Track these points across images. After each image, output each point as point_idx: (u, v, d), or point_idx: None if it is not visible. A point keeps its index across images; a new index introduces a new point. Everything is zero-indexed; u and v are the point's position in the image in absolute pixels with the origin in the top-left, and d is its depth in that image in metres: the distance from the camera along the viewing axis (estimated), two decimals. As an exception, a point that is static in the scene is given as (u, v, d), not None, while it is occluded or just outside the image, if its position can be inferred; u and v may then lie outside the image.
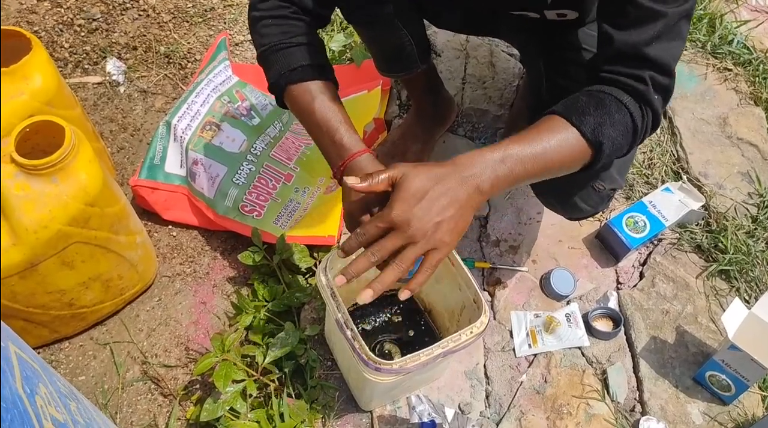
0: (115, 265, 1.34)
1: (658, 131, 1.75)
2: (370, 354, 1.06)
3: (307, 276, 1.47)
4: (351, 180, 0.91)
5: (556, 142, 0.93)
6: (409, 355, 1.07)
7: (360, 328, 1.37)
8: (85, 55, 1.87)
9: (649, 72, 0.95)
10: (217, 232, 1.57)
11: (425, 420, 1.19)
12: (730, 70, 1.87)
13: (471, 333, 1.11)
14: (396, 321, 1.38)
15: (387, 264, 0.89)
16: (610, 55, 0.97)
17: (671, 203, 1.53)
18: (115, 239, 1.30)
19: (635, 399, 1.35)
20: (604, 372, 1.37)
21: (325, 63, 1.10)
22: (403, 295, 0.91)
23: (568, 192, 1.25)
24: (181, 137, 1.54)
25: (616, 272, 1.53)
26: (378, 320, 1.38)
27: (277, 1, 1.07)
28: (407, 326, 1.38)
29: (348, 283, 0.93)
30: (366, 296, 0.89)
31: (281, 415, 1.27)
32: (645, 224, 1.49)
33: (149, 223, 1.58)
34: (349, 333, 1.08)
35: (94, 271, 1.30)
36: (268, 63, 1.08)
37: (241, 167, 1.51)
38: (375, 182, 0.90)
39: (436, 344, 1.09)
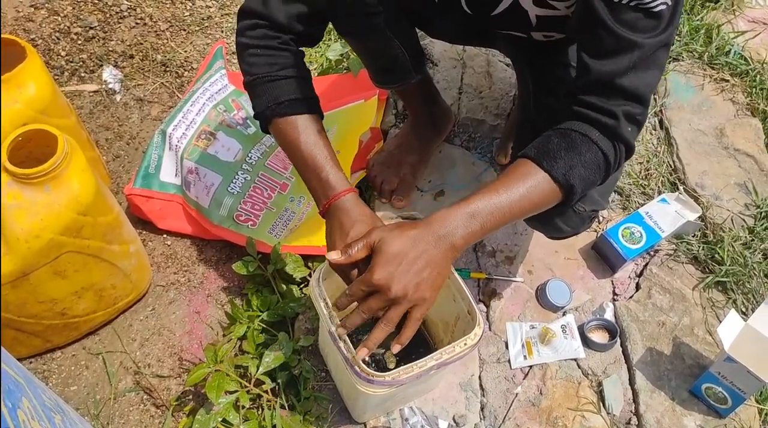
0: (108, 274, 1.34)
1: (655, 141, 1.75)
2: (363, 365, 1.05)
3: (301, 286, 1.46)
4: (331, 256, 1.00)
5: (527, 188, 0.97)
6: (402, 367, 1.07)
7: (354, 339, 1.36)
8: (81, 63, 1.87)
9: (623, 106, 0.96)
10: (212, 241, 1.56)
11: (418, 432, 1.19)
12: (727, 80, 1.87)
13: (465, 344, 1.10)
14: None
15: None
16: (585, 83, 0.98)
17: (667, 214, 1.53)
18: (108, 248, 1.30)
19: (631, 411, 1.34)
20: (600, 384, 1.36)
21: (311, 95, 1.12)
22: (395, 349, 1.01)
23: (548, 214, 1.24)
24: (176, 145, 1.53)
25: (613, 284, 1.52)
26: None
27: (264, 30, 1.09)
28: (402, 337, 1.37)
29: (367, 355, 1.03)
30: (363, 354, 1.01)
31: (274, 427, 1.26)
32: (641, 235, 1.49)
33: (144, 232, 1.57)
34: (341, 344, 1.07)
35: (86, 280, 1.30)
36: (255, 93, 1.11)
37: (236, 176, 1.51)
38: (354, 252, 0.97)
39: (429, 356, 1.08)
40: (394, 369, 1.31)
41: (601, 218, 1.60)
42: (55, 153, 1.11)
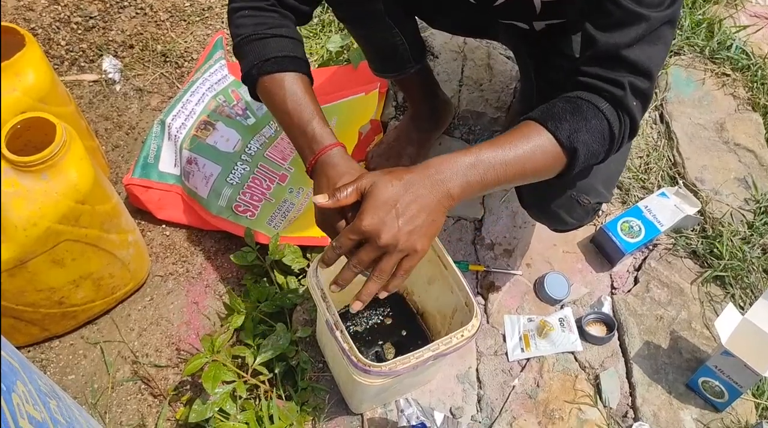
0: (106, 264, 1.34)
1: (655, 135, 1.74)
2: (360, 356, 1.05)
3: (299, 277, 1.46)
4: (318, 199, 0.94)
5: (531, 147, 0.93)
6: (398, 357, 1.07)
7: (351, 330, 1.36)
8: (81, 52, 1.86)
9: (628, 77, 0.94)
10: (211, 232, 1.56)
11: (413, 423, 1.19)
12: (728, 75, 1.86)
13: (462, 336, 1.10)
14: (388, 323, 1.37)
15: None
16: (590, 55, 0.96)
17: (667, 208, 1.52)
18: (106, 237, 1.30)
19: (628, 404, 1.35)
20: (597, 377, 1.37)
21: (300, 55, 1.06)
22: (381, 295, 0.95)
23: (552, 206, 1.24)
24: (175, 135, 1.53)
25: (611, 277, 1.52)
26: (369, 322, 1.37)
27: None
28: (399, 327, 1.37)
29: (343, 290, 0.97)
30: (357, 307, 0.95)
31: (270, 417, 1.26)
32: (640, 228, 1.49)
33: (142, 222, 1.57)
34: (338, 334, 1.07)
35: (84, 269, 1.30)
36: (242, 53, 1.06)
37: (236, 167, 1.51)
38: (342, 196, 0.91)
39: (426, 347, 1.08)
40: (391, 359, 1.33)
41: (600, 212, 1.59)
42: (54, 141, 1.11)
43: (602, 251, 1.53)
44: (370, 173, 0.92)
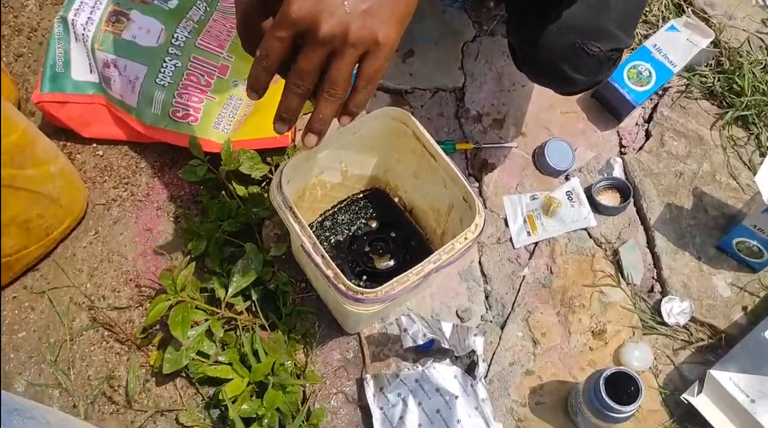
0: (29, 204, 1.12)
1: (652, -43, 1.48)
2: (348, 283, 0.88)
3: (263, 186, 1.25)
4: None
5: None
6: (396, 278, 0.89)
7: (332, 241, 1.17)
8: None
9: None
10: (151, 145, 1.32)
11: (420, 342, 1.03)
12: None
13: (465, 239, 0.93)
14: (373, 226, 1.19)
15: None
16: None
17: (678, 43, 1.30)
18: (21, 174, 1.07)
19: (653, 278, 1.20)
20: (616, 252, 1.21)
21: None
22: (344, 121, 0.72)
23: (553, 60, 1.01)
24: (83, 35, 1.25)
25: (618, 134, 1.33)
26: (351, 228, 1.18)
27: None
28: (386, 229, 1.18)
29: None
30: (310, 141, 0.73)
31: (255, 353, 1.10)
32: (650, 73, 1.27)
33: (68, 144, 1.33)
34: (319, 260, 0.89)
35: (5, 215, 1.08)
36: None
37: (164, 64, 1.24)
38: None
39: (426, 260, 0.90)
40: (384, 267, 1.15)
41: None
42: None
43: (607, 106, 1.32)
44: None
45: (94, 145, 1.33)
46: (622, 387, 0.95)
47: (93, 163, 1.32)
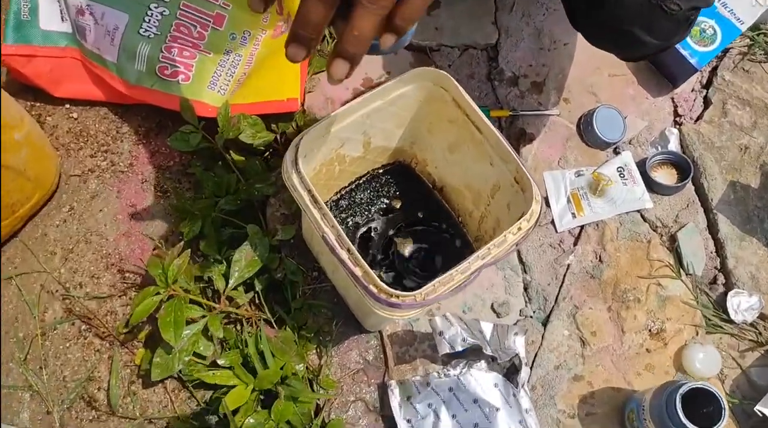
0: (-10, 178, 0.94)
1: None
2: (382, 285, 0.71)
3: (266, 156, 1.08)
4: None
5: None
6: (438, 279, 0.73)
7: (350, 223, 1.00)
8: None
9: None
10: (135, 107, 1.14)
11: (459, 348, 0.87)
12: None
13: (519, 229, 0.77)
14: (396, 206, 1.02)
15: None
16: None
17: (745, -2, 1.13)
18: (-21, 143, 0.89)
19: (716, 268, 1.05)
20: (674, 238, 1.05)
21: None
22: (387, 41, 0.54)
23: (622, 18, 0.83)
24: (51, -25, 1.06)
25: (673, 102, 1.16)
26: (372, 208, 1.01)
27: None
28: (413, 209, 1.02)
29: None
30: (340, 70, 0.53)
31: (261, 354, 0.94)
32: (715, 31, 1.10)
33: (37, 105, 1.14)
34: (345, 255, 0.72)
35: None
36: None
37: (149, 12, 1.05)
38: None
39: (473, 256, 0.74)
40: (407, 252, 1.00)
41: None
42: None
43: (662, 69, 1.16)
44: None
45: (68, 106, 1.15)
46: (699, 403, 0.81)
47: (66, 127, 1.14)
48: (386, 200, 1.02)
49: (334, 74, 0.53)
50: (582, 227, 1.06)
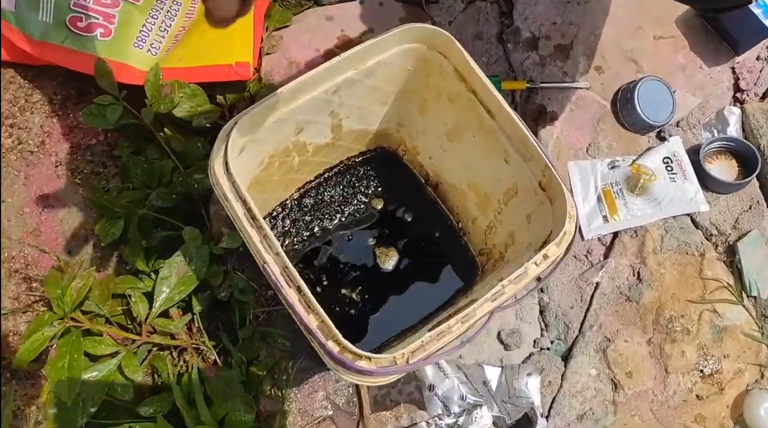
0: None
1: None
2: (345, 342, 0.50)
3: (209, 138, 0.84)
4: None
5: None
6: (432, 332, 0.50)
7: (314, 228, 0.77)
8: None
9: None
10: (48, 69, 0.91)
11: (456, 409, 0.65)
12: None
13: (545, 257, 0.56)
14: (378, 206, 0.78)
15: None
16: None
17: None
18: None
19: (786, 290, 0.82)
20: (733, 249, 0.82)
21: None
22: None
23: None
24: None
25: (734, 73, 0.92)
26: (346, 210, 0.78)
27: None
28: (396, 208, 0.79)
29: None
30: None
31: (193, 401, 0.71)
32: (794, -16, 0.86)
33: None
34: (293, 296, 0.50)
35: None
36: None
37: (57, -57, 0.81)
38: None
39: (480, 300, 0.52)
40: (390, 266, 0.76)
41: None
42: None
43: (720, 30, 0.91)
44: None
45: (-39, 68, 0.91)
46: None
47: (-41, 94, 0.90)
48: (364, 199, 0.78)
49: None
50: (616, 234, 0.83)
